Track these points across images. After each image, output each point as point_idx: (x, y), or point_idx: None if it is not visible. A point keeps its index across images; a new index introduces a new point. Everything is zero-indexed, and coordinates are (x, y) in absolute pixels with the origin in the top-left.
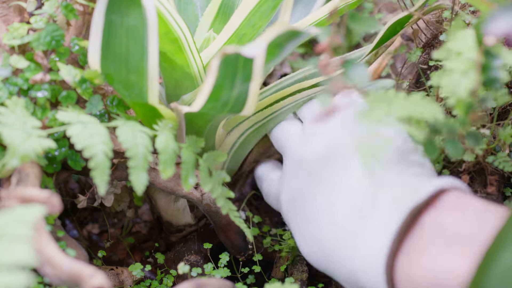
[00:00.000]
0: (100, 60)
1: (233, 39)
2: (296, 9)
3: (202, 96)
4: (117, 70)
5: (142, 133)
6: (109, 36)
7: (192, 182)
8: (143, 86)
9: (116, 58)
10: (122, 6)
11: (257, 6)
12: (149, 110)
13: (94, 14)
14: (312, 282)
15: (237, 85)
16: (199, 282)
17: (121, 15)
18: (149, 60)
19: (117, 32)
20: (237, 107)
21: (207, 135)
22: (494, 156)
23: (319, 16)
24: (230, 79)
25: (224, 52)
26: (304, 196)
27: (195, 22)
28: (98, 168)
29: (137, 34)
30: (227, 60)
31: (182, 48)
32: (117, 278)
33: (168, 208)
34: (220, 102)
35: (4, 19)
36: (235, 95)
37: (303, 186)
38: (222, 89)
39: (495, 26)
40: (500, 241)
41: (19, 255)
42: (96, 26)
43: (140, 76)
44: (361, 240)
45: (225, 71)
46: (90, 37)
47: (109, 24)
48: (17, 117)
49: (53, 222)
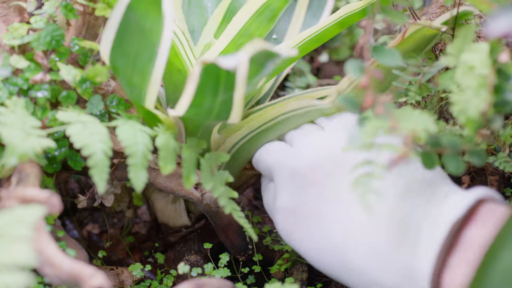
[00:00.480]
0: (110, 51)
1: (231, 47)
2: (305, 18)
3: (184, 101)
4: (123, 66)
5: (142, 132)
6: (123, 33)
7: (193, 180)
8: (143, 89)
9: (125, 55)
10: (142, 7)
11: (255, 15)
12: (147, 113)
13: (114, 7)
14: (312, 282)
15: (220, 93)
16: (199, 282)
17: (139, 17)
18: (155, 67)
19: (131, 31)
20: (222, 115)
21: (200, 138)
22: (494, 157)
23: (327, 22)
24: (212, 87)
25: (203, 61)
26: (309, 208)
27: (204, 26)
28: (97, 166)
29: (150, 38)
30: (208, 69)
31: (178, 54)
32: (117, 278)
33: (165, 210)
34: (204, 108)
35: (4, 19)
36: (219, 103)
37: (306, 199)
38: (205, 95)
39: (495, 26)
40: (500, 241)
41: (19, 255)
42: (113, 20)
43: (143, 79)
44: (398, 253)
45: (207, 79)
46: (105, 27)
47: (126, 21)
48: (17, 117)
49: (53, 222)
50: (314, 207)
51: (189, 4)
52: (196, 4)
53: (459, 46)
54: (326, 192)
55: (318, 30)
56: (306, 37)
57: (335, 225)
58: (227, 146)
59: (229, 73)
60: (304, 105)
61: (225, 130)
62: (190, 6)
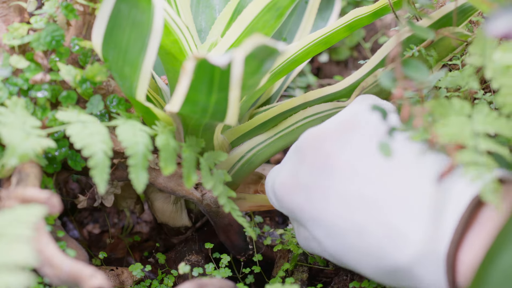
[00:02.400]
0: (101, 45)
1: (236, 45)
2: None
3: (178, 96)
4: (115, 58)
5: (142, 132)
6: (114, 24)
7: (194, 179)
8: (134, 81)
9: (117, 46)
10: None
11: (261, 14)
12: (142, 107)
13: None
14: (312, 282)
15: (214, 92)
16: (200, 282)
17: (130, 7)
18: (145, 58)
19: (122, 22)
20: (218, 115)
21: (201, 138)
22: None
23: (336, 26)
24: (206, 84)
25: (196, 56)
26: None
27: (212, 25)
28: (98, 167)
29: (141, 29)
30: (201, 65)
31: (183, 50)
32: (117, 278)
33: (165, 210)
34: (199, 106)
35: (4, 19)
36: (214, 102)
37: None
38: (198, 92)
39: (495, 26)
40: (501, 240)
41: (19, 255)
42: (103, 11)
43: (133, 70)
44: (416, 229)
45: (200, 75)
46: (96, 20)
47: (117, 12)
48: (17, 117)
49: (53, 222)
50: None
51: (197, 4)
52: (204, 4)
53: (481, 46)
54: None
55: (327, 33)
56: (314, 39)
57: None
58: (230, 161)
59: (223, 72)
60: (328, 107)
61: (229, 131)
62: (198, 5)
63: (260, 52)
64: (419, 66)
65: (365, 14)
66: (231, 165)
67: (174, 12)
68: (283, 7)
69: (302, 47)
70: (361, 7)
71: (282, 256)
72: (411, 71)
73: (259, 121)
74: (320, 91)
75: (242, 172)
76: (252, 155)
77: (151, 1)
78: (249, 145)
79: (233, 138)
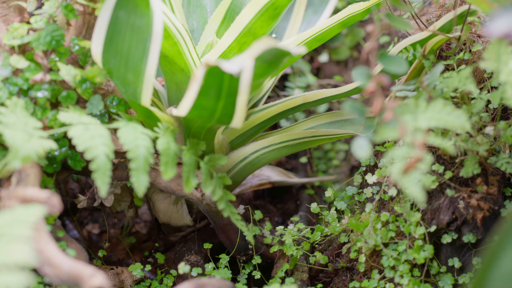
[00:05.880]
0: (102, 54)
1: (234, 46)
2: (306, 15)
3: (187, 102)
4: (116, 66)
5: (143, 135)
6: (114, 32)
7: (193, 183)
8: (138, 86)
9: (117, 54)
10: (131, 4)
11: (258, 14)
12: (145, 111)
13: (102, 7)
14: (312, 282)
15: (223, 97)
16: (199, 282)
17: (128, 13)
18: (148, 62)
19: (122, 29)
20: (225, 119)
21: (203, 140)
22: (495, 157)
23: (328, 24)
24: (215, 90)
25: (207, 63)
26: None
27: (204, 25)
28: (100, 170)
29: (141, 34)
30: (212, 72)
31: (181, 52)
32: (117, 278)
33: (167, 210)
34: (206, 111)
35: (4, 19)
36: (222, 107)
37: None
38: (207, 98)
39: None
40: (501, 243)
41: (19, 255)
42: (102, 19)
43: (137, 76)
44: None
45: (210, 81)
46: (94, 29)
47: (115, 20)
48: (18, 118)
49: (53, 222)
50: None
51: (188, 4)
52: (195, 4)
53: (496, 51)
54: None
55: (321, 30)
56: (309, 36)
57: None
58: (229, 164)
59: (232, 78)
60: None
61: (228, 131)
62: (189, 5)
63: (269, 55)
64: (398, 60)
65: (359, 11)
66: (233, 164)
67: (172, 14)
68: (281, 6)
69: (297, 45)
70: (355, 4)
71: (281, 256)
72: (389, 65)
73: (258, 120)
74: (318, 93)
75: (244, 171)
76: (256, 158)
77: (150, 5)
78: (253, 147)
79: (232, 138)
